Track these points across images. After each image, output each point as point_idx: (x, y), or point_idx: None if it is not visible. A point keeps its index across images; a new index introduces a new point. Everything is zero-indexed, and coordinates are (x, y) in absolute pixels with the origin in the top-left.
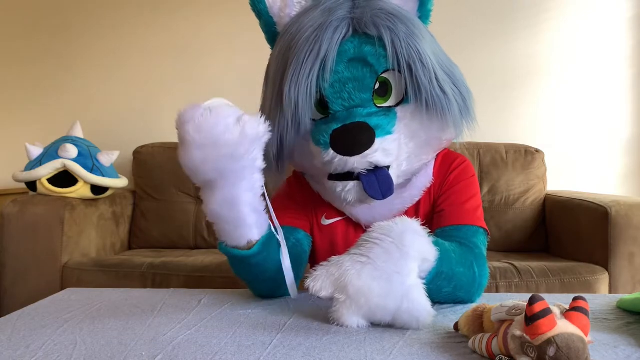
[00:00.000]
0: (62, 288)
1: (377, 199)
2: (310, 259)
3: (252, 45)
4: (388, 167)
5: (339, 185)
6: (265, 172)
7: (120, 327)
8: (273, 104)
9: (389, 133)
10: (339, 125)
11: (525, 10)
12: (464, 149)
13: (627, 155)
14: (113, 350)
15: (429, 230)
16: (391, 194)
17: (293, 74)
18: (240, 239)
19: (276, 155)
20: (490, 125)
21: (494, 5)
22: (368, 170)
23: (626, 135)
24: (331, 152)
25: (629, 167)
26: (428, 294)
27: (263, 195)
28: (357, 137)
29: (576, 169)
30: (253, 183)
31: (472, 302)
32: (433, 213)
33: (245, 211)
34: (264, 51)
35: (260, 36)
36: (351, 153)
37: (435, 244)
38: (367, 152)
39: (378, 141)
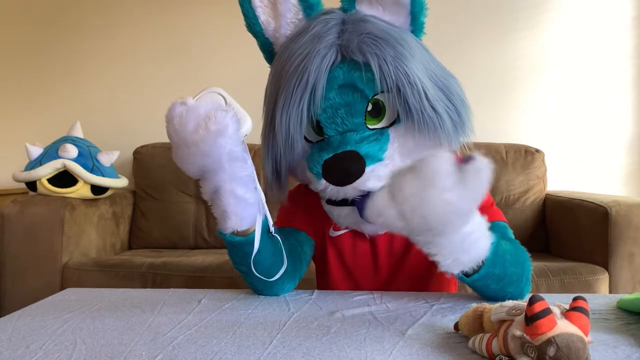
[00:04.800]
0: (62, 288)
1: (372, 222)
2: (320, 268)
3: (253, 45)
4: None
5: (335, 210)
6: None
7: (120, 327)
8: (267, 128)
9: (380, 160)
10: (330, 155)
11: (526, 10)
12: (464, 149)
13: (628, 155)
14: (113, 350)
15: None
16: None
17: (284, 103)
18: (226, 227)
19: (272, 176)
20: (490, 125)
21: (494, 5)
22: (362, 195)
23: (626, 135)
24: (323, 181)
25: (629, 167)
26: (474, 288)
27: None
28: (346, 169)
29: (576, 169)
30: (233, 173)
31: (521, 297)
32: None
33: (229, 201)
34: None
35: None
36: (342, 184)
37: (494, 244)
38: (358, 181)
39: (368, 169)
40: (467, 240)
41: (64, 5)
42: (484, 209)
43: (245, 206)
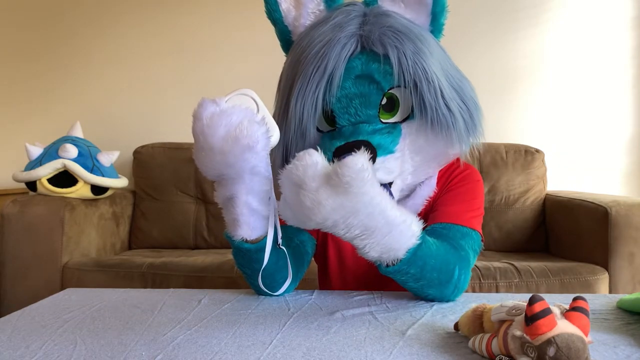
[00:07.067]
0: (62, 288)
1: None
2: (321, 263)
3: (254, 45)
4: (391, 182)
5: None
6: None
7: (120, 327)
8: (280, 114)
9: (391, 152)
10: (342, 143)
11: (526, 10)
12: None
13: (627, 155)
14: (113, 350)
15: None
16: None
17: (300, 88)
18: (236, 234)
19: (280, 165)
20: (491, 125)
21: (494, 5)
22: None
23: (626, 135)
24: None
25: (629, 167)
26: (394, 280)
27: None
28: None
29: (576, 169)
30: (252, 186)
31: (445, 301)
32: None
33: (242, 211)
34: (267, 51)
35: (264, 36)
36: None
37: (418, 246)
38: None
39: (379, 160)
40: (380, 232)
41: (64, 6)
42: (458, 213)
43: (258, 217)
